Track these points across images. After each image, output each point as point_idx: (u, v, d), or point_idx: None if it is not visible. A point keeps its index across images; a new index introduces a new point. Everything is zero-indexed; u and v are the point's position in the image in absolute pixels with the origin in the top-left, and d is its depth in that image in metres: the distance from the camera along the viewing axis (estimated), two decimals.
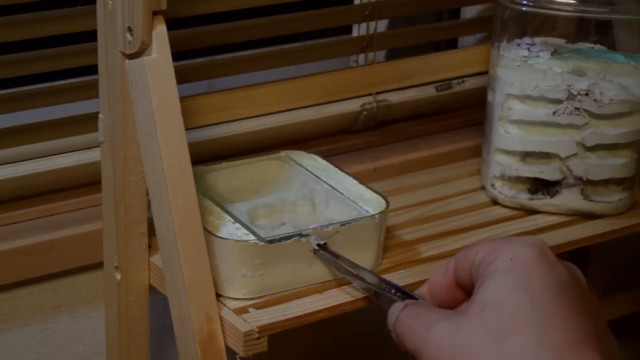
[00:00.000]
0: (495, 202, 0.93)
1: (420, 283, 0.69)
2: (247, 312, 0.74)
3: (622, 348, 0.60)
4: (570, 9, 0.89)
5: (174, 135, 0.72)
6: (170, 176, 0.72)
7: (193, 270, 0.72)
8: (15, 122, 0.90)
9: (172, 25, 0.74)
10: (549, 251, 0.61)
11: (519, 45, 0.89)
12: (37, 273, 0.90)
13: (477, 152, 0.98)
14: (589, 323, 0.59)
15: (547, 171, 0.89)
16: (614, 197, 0.90)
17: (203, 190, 0.82)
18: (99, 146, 0.79)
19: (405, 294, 0.67)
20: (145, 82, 0.72)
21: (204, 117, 0.91)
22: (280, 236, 0.75)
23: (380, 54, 1.12)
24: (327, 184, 0.85)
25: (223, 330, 0.73)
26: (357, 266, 0.75)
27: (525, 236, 0.63)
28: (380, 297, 0.70)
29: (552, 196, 0.90)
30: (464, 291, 0.63)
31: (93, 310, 0.95)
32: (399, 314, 0.63)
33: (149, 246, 0.80)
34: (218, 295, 0.75)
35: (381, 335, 1.12)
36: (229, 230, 0.77)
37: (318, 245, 0.76)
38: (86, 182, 0.92)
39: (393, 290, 0.69)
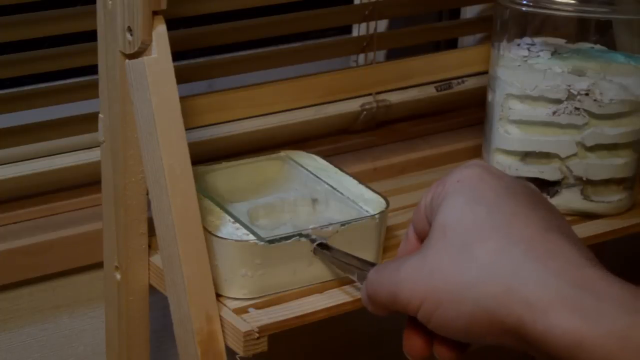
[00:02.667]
0: None
1: None
2: (247, 312, 0.74)
3: None
4: (570, 9, 0.89)
5: (174, 135, 0.72)
6: (170, 176, 0.72)
7: (193, 270, 0.72)
8: (15, 122, 0.90)
9: (172, 25, 0.74)
10: (493, 167, 0.63)
11: (519, 45, 0.89)
12: (37, 273, 0.90)
13: (477, 152, 0.98)
14: (549, 215, 0.60)
15: (547, 171, 0.89)
16: (614, 197, 0.90)
17: (203, 190, 0.82)
18: (99, 146, 0.79)
19: None
20: (145, 82, 0.72)
21: (204, 117, 0.91)
22: (280, 236, 0.75)
23: (380, 54, 1.12)
24: (327, 184, 0.85)
25: (223, 330, 0.73)
26: (359, 259, 0.75)
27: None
28: (359, 275, 0.70)
29: (552, 196, 0.90)
30: None
31: (93, 310, 0.95)
32: (367, 276, 0.65)
33: (149, 246, 0.80)
34: (218, 295, 0.75)
35: (381, 336, 1.12)
36: (229, 230, 0.77)
37: (319, 245, 0.76)
38: (86, 182, 0.92)
39: None
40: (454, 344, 0.62)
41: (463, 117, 1.10)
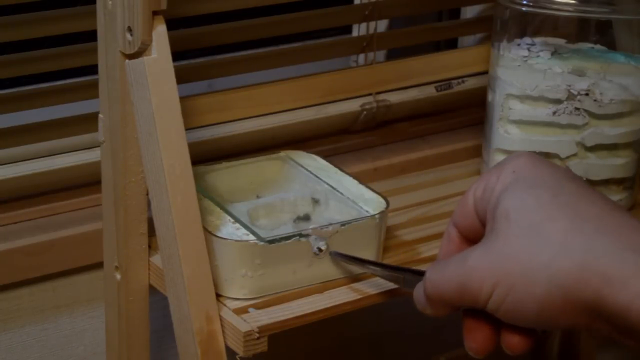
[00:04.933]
0: None
1: None
2: (247, 312, 0.74)
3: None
4: (570, 9, 0.89)
5: (174, 135, 0.72)
6: (170, 176, 0.72)
7: (193, 270, 0.72)
8: (15, 122, 0.90)
9: (172, 25, 0.74)
10: (540, 156, 0.63)
11: (519, 45, 0.89)
12: (37, 273, 0.90)
13: (477, 152, 0.98)
14: (603, 197, 0.60)
15: None
16: (614, 197, 0.90)
17: (203, 190, 0.82)
18: (99, 146, 0.79)
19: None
20: (145, 82, 0.72)
21: (204, 117, 0.91)
22: (280, 236, 0.75)
23: (380, 54, 1.12)
24: (327, 184, 0.85)
25: (223, 331, 0.73)
26: (368, 261, 0.75)
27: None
28: (406, 281, 0.70)
29: None
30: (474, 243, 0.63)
31: (93, 310, 0.95)
32: (425, 277, 0.63)
33: (149, 246, 0.80)
34: (218, 295, 0.75)
35: (381, 336, 1.12)
36: (229, 230, 0.77)
37: (319, 249, 0.76)
38: (86, 182, 0.92)
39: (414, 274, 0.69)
40: (523, 331, 0.61)
41: (463, 117, 1.10)
